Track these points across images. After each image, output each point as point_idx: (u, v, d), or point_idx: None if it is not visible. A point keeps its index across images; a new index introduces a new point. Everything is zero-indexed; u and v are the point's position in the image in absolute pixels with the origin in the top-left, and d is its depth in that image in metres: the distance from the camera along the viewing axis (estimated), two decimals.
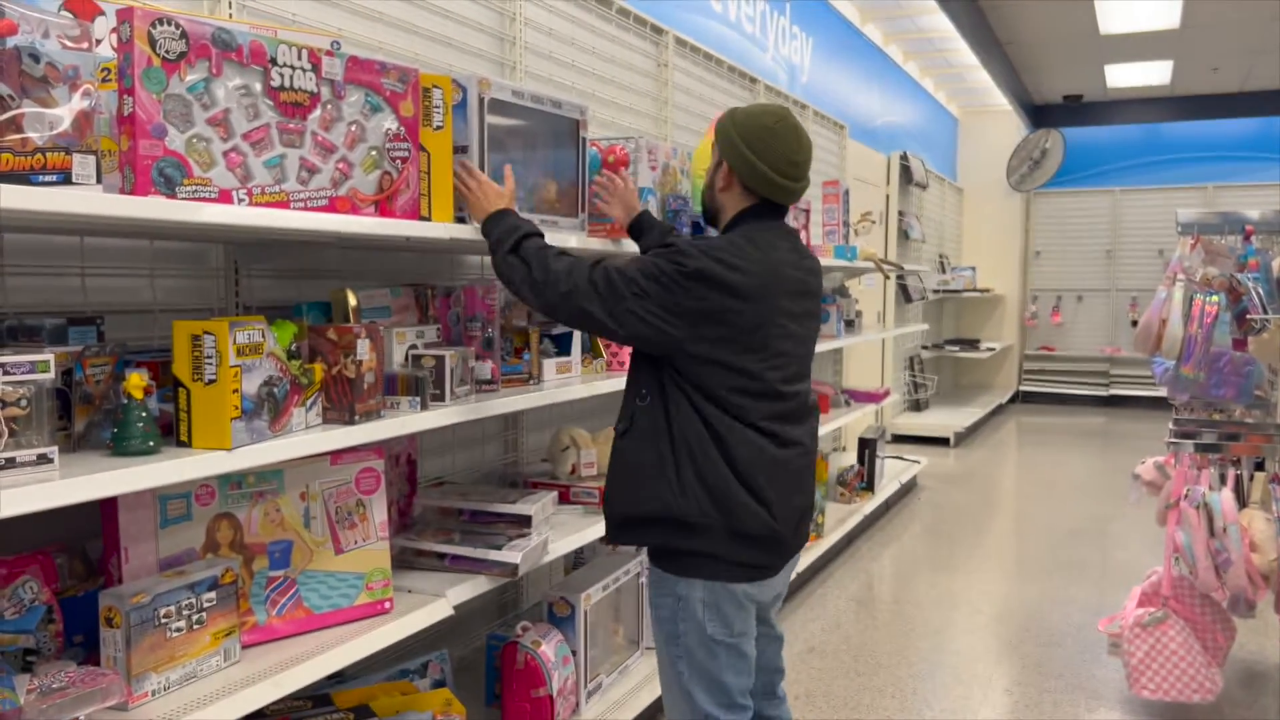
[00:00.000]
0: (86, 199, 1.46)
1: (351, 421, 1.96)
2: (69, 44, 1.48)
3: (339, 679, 2.44)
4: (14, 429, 1.43)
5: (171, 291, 2.25)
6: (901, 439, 8.84)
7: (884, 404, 6.02)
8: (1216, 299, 3.38)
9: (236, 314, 2.36)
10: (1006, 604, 4.64)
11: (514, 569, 2.33)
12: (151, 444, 1.64)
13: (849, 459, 5.95)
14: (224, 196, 1.71)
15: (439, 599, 2.22)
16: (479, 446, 3.26)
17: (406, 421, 2.10)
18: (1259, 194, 10.90)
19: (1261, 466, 3.52)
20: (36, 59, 1.43)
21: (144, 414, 1.64)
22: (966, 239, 12.12)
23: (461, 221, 2.31)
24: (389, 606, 2.14)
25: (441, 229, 2.17)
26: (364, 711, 2.28)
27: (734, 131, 2.14)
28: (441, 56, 3.04)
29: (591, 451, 3.06)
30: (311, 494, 2.05)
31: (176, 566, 1.83)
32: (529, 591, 3.50)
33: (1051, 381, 12.01)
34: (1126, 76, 10.49)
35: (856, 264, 5.02)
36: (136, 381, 1.63)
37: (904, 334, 8.70)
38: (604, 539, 2.28)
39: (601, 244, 2.79)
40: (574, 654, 2.86)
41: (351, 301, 2.32)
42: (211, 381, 1.69)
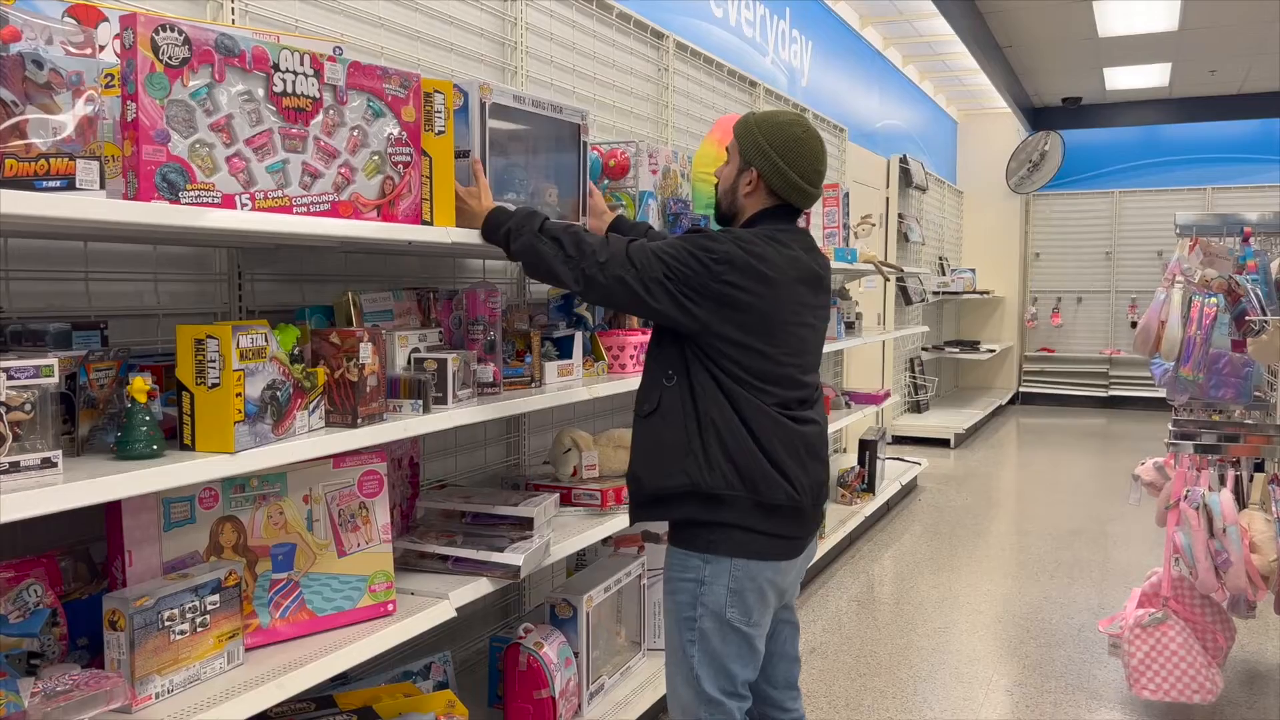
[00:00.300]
0: (90, 204, 1.47)
1: (354, 425, 1.97)
2: (73, 50, 1.49)
3: (342, 681, 2.45)
4: (18, 433, 1.44)
5: (175, 296, 2.26)
6: (902, 440, 8.84)
7: (884, 405, 6.02)
8: (1215, 300, 3.39)
9: (240, 318, 2.37)
10: (1007, 605, 4.65)
11: (516, 571, 2.34)
12: (155, 448, 1.65)
13: (850, 460, 5.96)
14: (227, 201, 1.72)
15: (442, 601, 2.23)
16: (481, 449, 3.27)
17: (409, 424, 2.11)
18: (1258, 196, 10.91)
19: (1261, 467, 3.52)
20: (40, 65, 1.44)
21: (148, 418, 1.64)
22: (966, 241, 12.13)
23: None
24: (392, 609, 2.14)
25: (443, 233, 2.18)
26: (367, 713, 2.28)
27: (763, 140, 2.22)
28: (443, 62, 3.05)
29: (593, 454, 3.07)
30: (315, 497, 2.05)
31: (180, 569, 1.84)
32: (531, 593, 3.51)
33: (1051, 383, 12.02)
34: (1125, 79, 10.50)
35: (857, 266, 5.02)
36: (140, 385, 1.64)
37: (904, 336, 8.70)
38: (630, 519, 2.34)
39: None
40: (576, 655, 2.87)
41: (354, 305, 2.33)
42: (215, 385, 1.70)
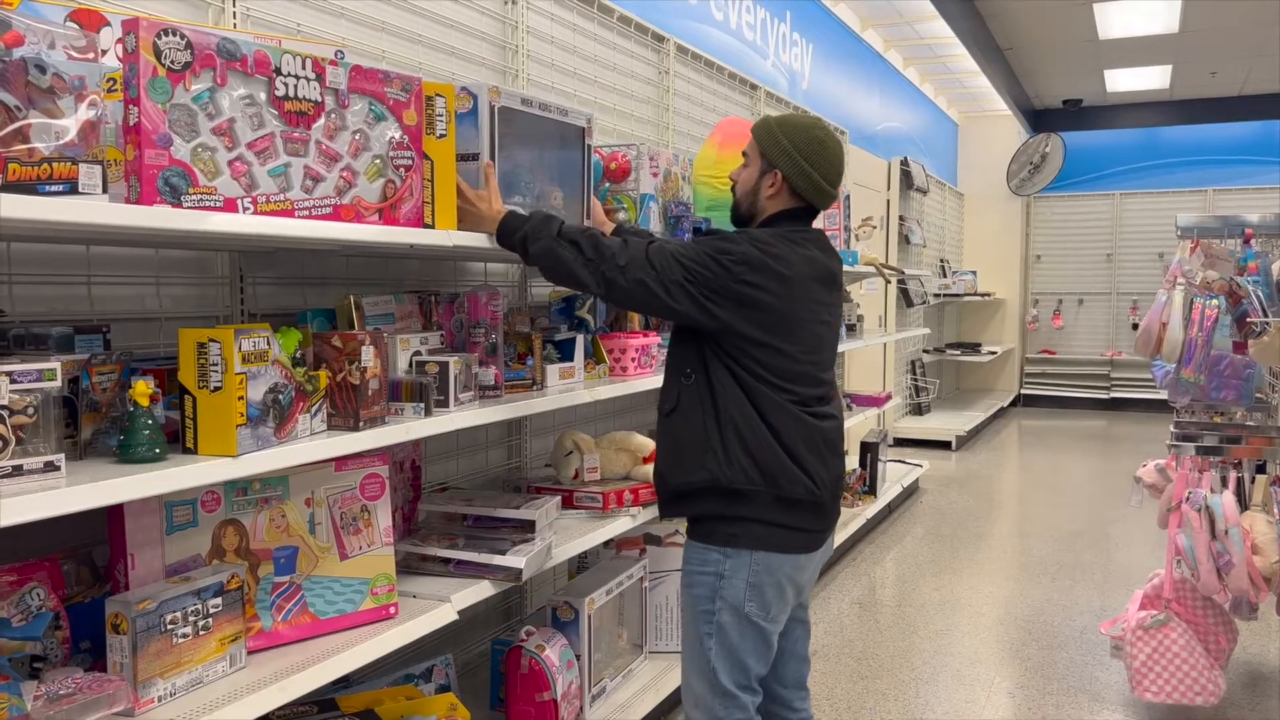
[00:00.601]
0: (92, 208, 1.47)
1: (356, 428, 1.97)
2: (75, 55, 1.50)
3: (344, 684, 2.45)
4: (21, 437, 1.44)
5: (177, 299, 2.26)
6: (903, 442, 8.84)
7: (886, 408, 6.02)
8: (1216, 302, 3.39)
9: (242, 321, 2.37)
10: (1009, 607, 4.64)
11: (518, 574, 2.34)
12: (158, 451, 1.65)
13: (851, 463, 5.95)
14: (229, 205, 1.72)
15: (444, 604, 2.23)
16: (482, 452, 3.27)
17: (410, 428, 2.11)
18: (1258, 197, 10.91)
19: (1263, 469, 3.52)
20: (43, 70, 1.45)
21: (150, 421, 1.65)
22: (967, 243, 12.13)
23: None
24: (394, 611, 2.14)
25: (445, 236, 2.18)
26: (369, 716, 2.29)
27: (787, 143, 2.25)
28: (445, 65, 3.06)
29: (594, 456, 3.07)
30: (317, 500, 2.06)
31: (183, 573, 1.84)
32: (533, 596, 3.51)
33: (1053, 385, 12.01)
34: (1126, 81, 10.50)
35: (858, 269, 5.03)
36: (142, 389, 1.65)
37: (905, 338, 8.70)
38: (659, 514, 2.40)
39: None
40: (578, 658, 2.87)
41: (356, 309, 2.33)
42: (217, 389, 1.70)
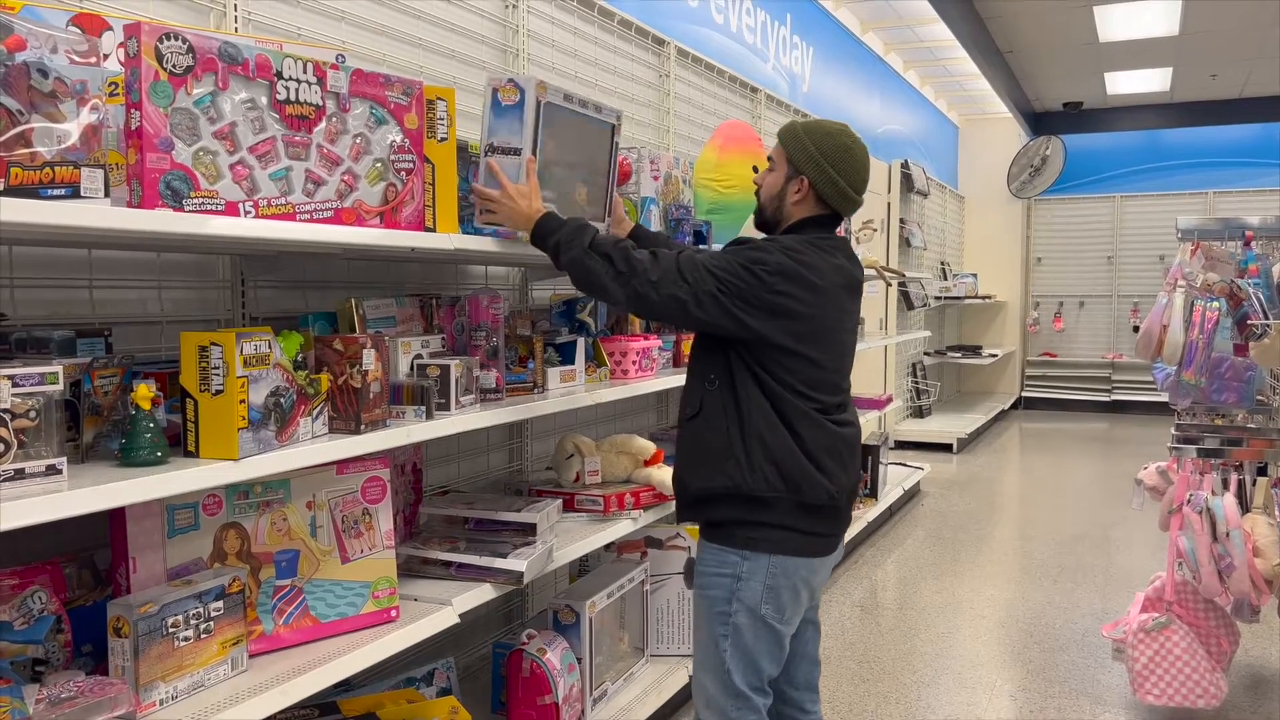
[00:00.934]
0: (94, 212, 1.48)
1: (357, 431, 1.98)
2: (77, 59, 1.50)
3: (346, 687, 2.45)
4: (23, 440, 1.44)
5: (179, 303, 2.27)
6: (904, 445, 8.84)
7: (887, 410, 6.03)
8: (1217, 305, 3.39)
9: (243, 325, 2.37)
10: (1010, 609, 4.64)
11: (519, 577, 2.34)
12: (159, 454, 1.65)
13: None
14: (230, 209, 1.72)
15: (445, 607, 2.23)
16: (484, 455, 3.27)
17: (412, 431, 2.11)
18: (1259, 200, 10.91)
19: (1264, 471, 3.52)
20: (45, 74, 1.45)
21: (152, 425, 1.65)
22: (968, 246, 12.13)
23: (477, 232, 2.32)
24: (395, 615, 2.14)
25: (446, 239, 2.18)
26: (370, 719, 2.29)
27: (814, 149, 2.25)
28: (445, 69, 3.06)
29: (595, 459, 3.07)
30: (318, 503, 2.06)
31: (184, 576, 1.84)
32: (534, 599, 3.51)
33: (1054, 387, 12.01)
34: (1126, 83, 10.51)
35: None
36: (144, 392, 1.65)
37: (906, 341, 8.70)
38: (676, 518, 2.39)
39: None
40: (579, 661, 2.87)
41: (357, 312, 2.33)
42: (219, 392, 1.70)
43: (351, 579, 2.09)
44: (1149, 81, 10.39)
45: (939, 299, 10.42)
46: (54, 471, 1.47)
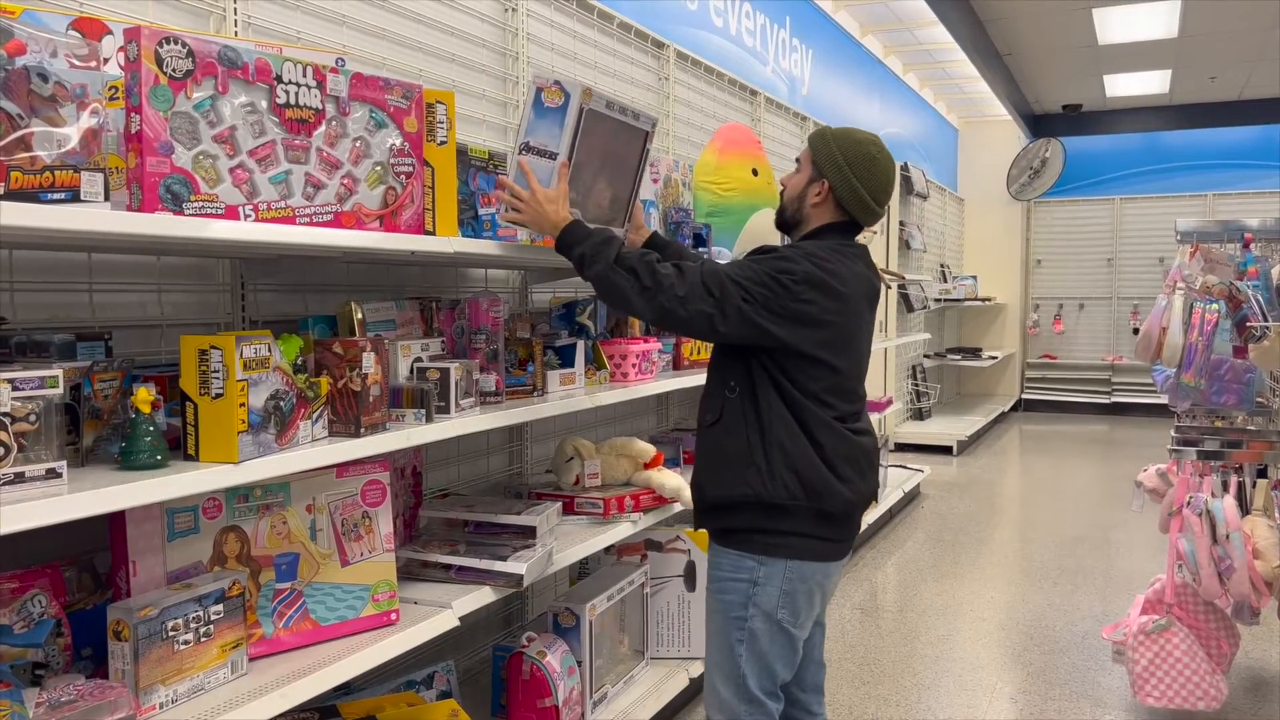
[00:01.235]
0: (94, 216, 1.48)
1: (357, 434, 1.98)
2: (77, 63, 1.50)
3: (346, 690, 2.45)
4: (23, 444, 1.44)
5: (179, 306, 2.27)
6: (904, 448, 8.84)
7: (887, 413, 6.03)
8: (1216, 307, 3.39)
9: (243, 328, 2.38)
10: (1010, 612, 4.64)
11: (519, 580, 2.34)
12: (159, 458, 1.65)
13: None
14: (230, 212, 1.73)
15: (445, 610, 2.23)
16: (484, 458, 3.27)
17: (411, 434, 2.11)
18: (1258, 202, 10.92)
19: (1264, 473, 3.52)
20: (45, 78, 1.46)
21: (152, 428, 1.65)
22: (967, 248, 12.14)
23: (477, 235, 2.32)
24: (395, 618, 2.15)
25: (445, 243, 2.19)
26: None
27: (839, 154, 2.26)
28: (445, 72, 3.07)
29: (595, 462, 3.07)
30: (318, 506, 2.06)
31: (184, 579, 1.84)
32: (534, 602, 3.51)
33: (1054, 389, 12.01)
34: (1125, 86, 10.52)
35: None
36: (144, 396, 1.65)
37: (906, 343, 8.70)
38: (696, 525, 2.39)
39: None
40: (579, 664, 2.87)
41: (357, 315, 2.33)
42: (219, 396, 1.70)
43: (351, 582, 2.09)
44: (1148, 84, 10.40)
45: (939, 301, 10.42)
46: (54, 475, 1.47)
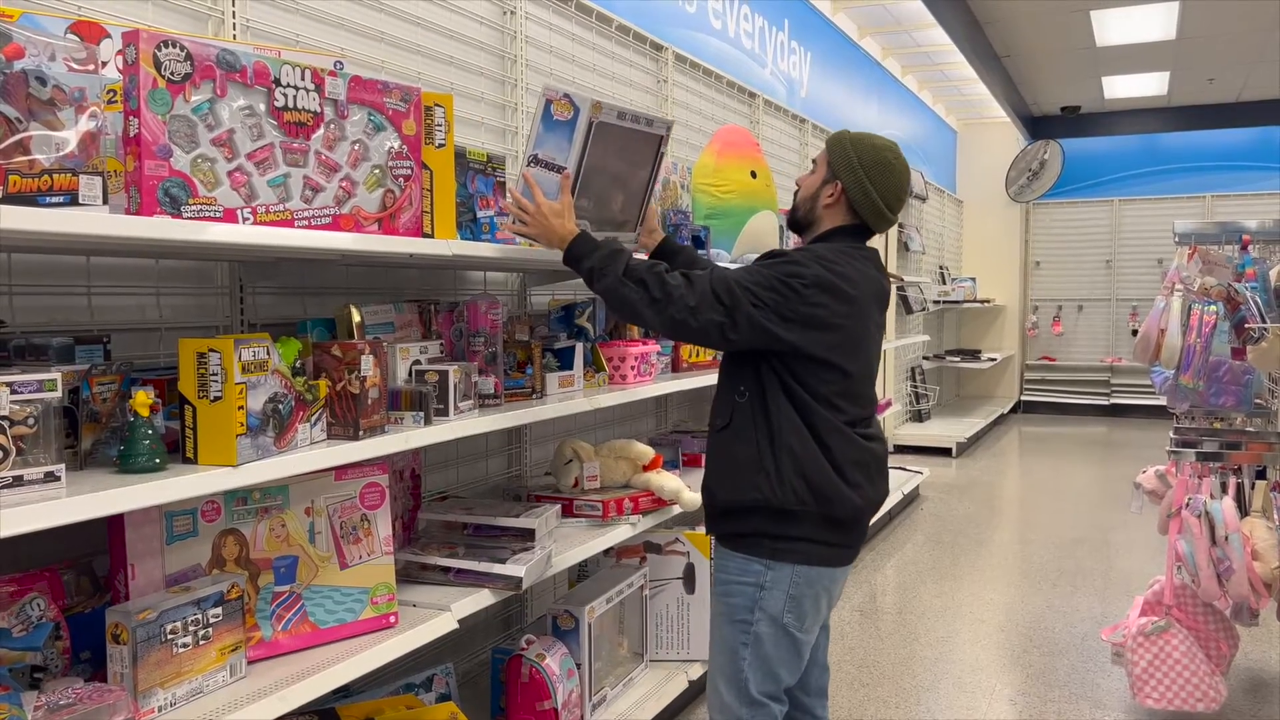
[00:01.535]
0: (93, 220, 1.48)
1: (356, 437, 1.98)
2: (75, 66, 1.50)
3: (345, 693, 2.45)
4: (21, 447, 1.44)
5: (177, 310, 2.27)
6: (903, 449, 8.84)
7: (886, 415, 6.03)
8: (1214, 308, 3.40)
9: (241, 331, 2.38)
10: (1010, 613, 4.64)
11: (518, 582, 2.34)
12: (158, 461, 1.65)
13: None
14: (229, 216, 1.73)
15: (444, 613, 2.23)
16: (482, 460, 3.27)
17: (410, 436, 2.11)
18: (1257, 203, 10.93)
19: (1263, 475, 3.52)
20: (43, 82, 1.46)
21: (150, 431, 1.65)
22: (966, 250, 12.15)
23: (475, 238, 2.32)
24: (394, 621, 2.14)
25: (444, 245, 2.19)
26: None
27: (855, 157, 2.26)
28: (443, 75, 3.07)
29: (594, 464, 3.07)
30: (316, 509, 2.06)
31: (183, 583, 1.84)
32: (533, 605, 3.51)
33: (1053, 391, 12.01)
34: (1124, 87, 10.53)
35: None
36: (143, 399, 1.65)
37: (905, 345, 8.71)
38: (707, 530, 2.37)
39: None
40: (578, 667, 2.87)
41: (355, 318, 2.33)
42: (217, 399, 1.70)
43: (350, 585, 2.09)
44: (1146, 85, 10.41)
45: (938, 303, 10.42)
46: (52, 478, 1.47)
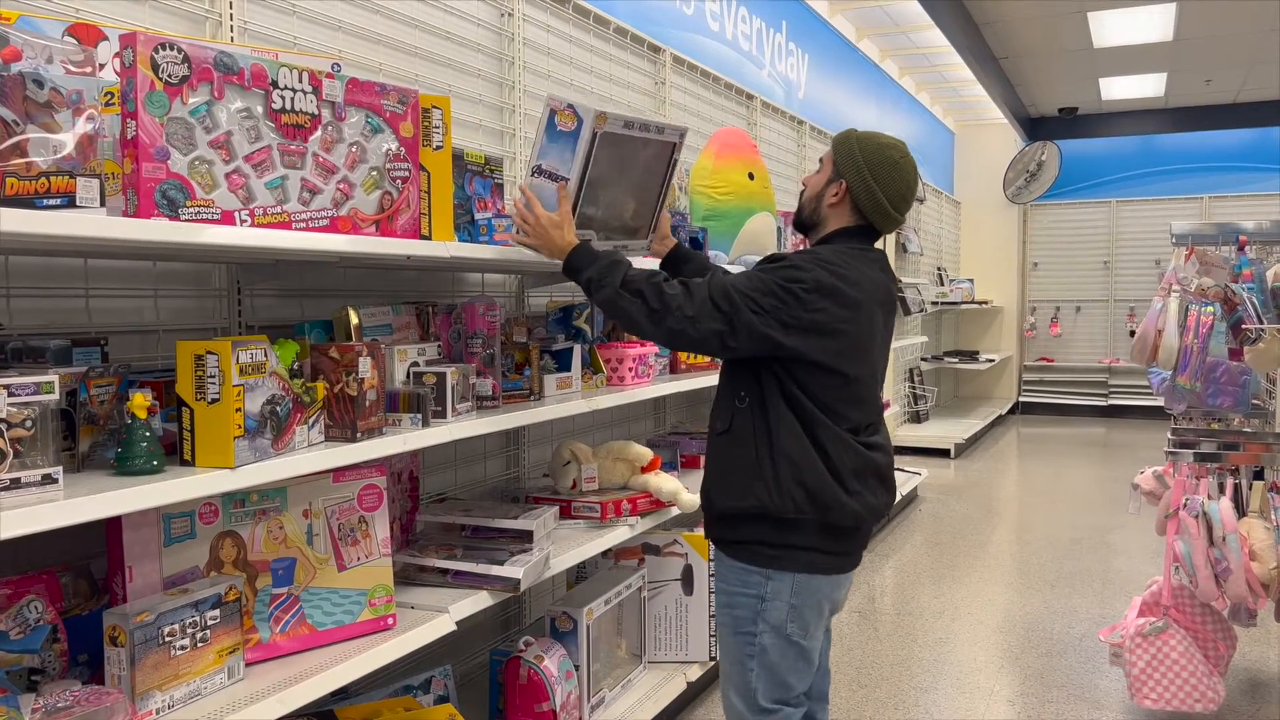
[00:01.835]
0: (90, 222, 1.48)
1: (354, 439, 1.98)
2: (73, 69, 1.51)
3: (343, 695, 2.45)
4: (19, 450, 1.44)
5: (175, 312, 2.27)
6: (902, 450, 8.83)
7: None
8: (1211, 309, 3.40)
9: (239, 333, 2.38)
10: (1008, 614, 4.64)
11: (516, 584, 2.34)
12: (155, 463, 1.65)
13: None
14: (226, 218, 1.73)
15: (442, 614, 2.23)
16: (480, 462, 3.27)
17: (408, 438, 2.11)
18: (1254, 204, 10.94)
19: (1260, 475, 3.52)
20: (41, 84, 1.46)
21: (148, 434, 1.65)
22: (964, 251, 12.16)
23: (473, 240, 2.32)
24: (392, 623, 2.14)
25: (441, 248, 2.19)
26: None
27: (860, 156, 2.22)
28: (441, 77, 3.07)
29: (592, 466, 3.07)
30: (314, 511, 2.06)
31: (180, 585, 1.84)
32: (531, 606, 3.51)
33: (1051, 392, 12.02)
34: (1121, 89, 10.54)
35: None
36: (140, 401, 1.65)
37: (903, 346, 8.71)
38: (705, 534, 2.36)
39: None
40: (577, 669, 2.87)
41: (353, 320, 2.34)
42: (215, 401, 1.70)
43: (348, 587, 2.09)
44: (1144, 87, 10.43)
45: (936, 304, 10.43)
46: (50, 481, 1.47)
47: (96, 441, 1.72)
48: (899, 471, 7.06)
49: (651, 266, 2.61)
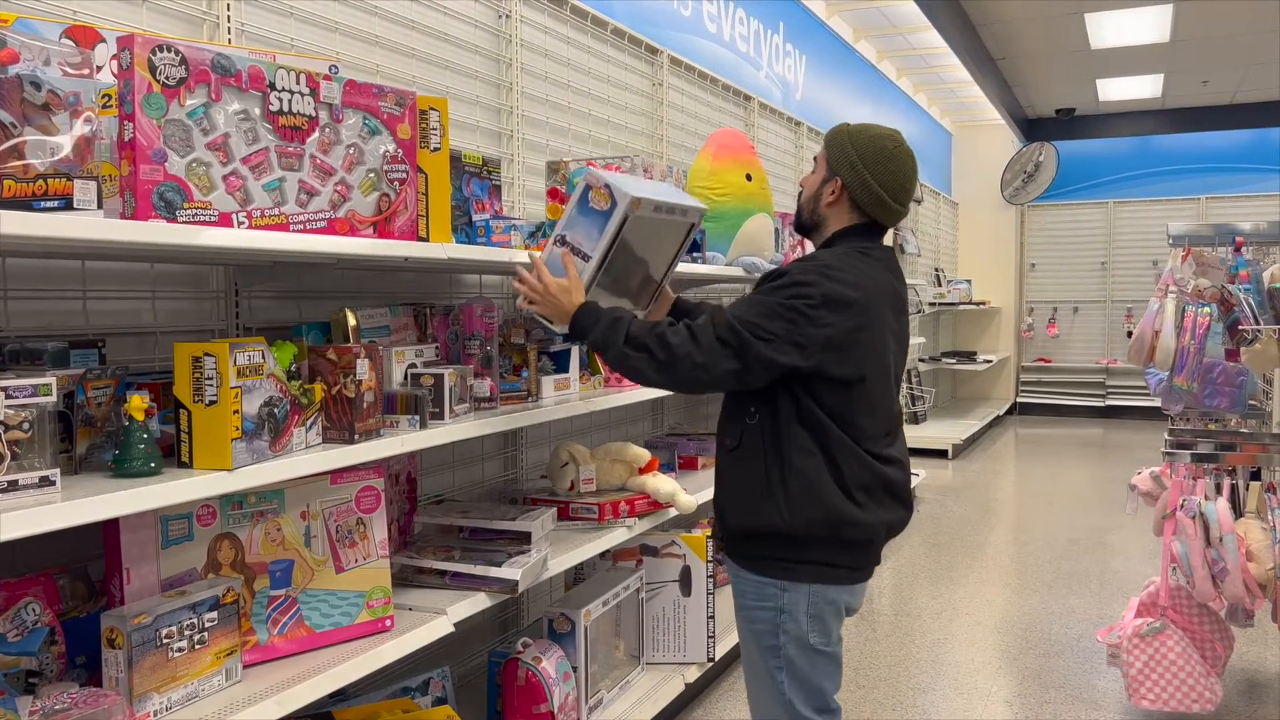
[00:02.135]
0: (88, 224, 1.48)
1: (351, 441, 1.98)
2: (70, 71, 1.51)
3: (341, 697, 2.44)
4: (16, 452, 1.44)
5: (172, 314, 2.27)
6: None
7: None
8: (1208, 310, 3.41)
9: (237, 335, 2.38)
10: (1006, 615, 4.64)
11: (514, 585, 2.34)
12: (153, 465, 1.65)
13: None
14: (224, 220, 1.73)
15: (440, 616, 2.23)
16: (478, 464, 3.27)
17: (406, 440, 2.11)
18: (1251, 205, 10.96)
19: (1257, 476, 3.53)
20: (38, 86, 1.46)
21: (145, 435, 1.65)
22: (962, 252, 12.17)
23: (471, 242, 2.32)
24: (390, 624, 2.14)
25: (439, 249, 2.19)
26: None
27: (853, 150, 2.16)
28: (439, 79, 3.07)
29: (590, 467, 3.07)
30: (312, 513, 2.06)
31: (178, 587, 1.84)
32: (529, 608, 3.51)
33: (1048, 393, 12.04)
34: (1118, 90, 10.56)
35: None
36: (138, 403, 1.65)
37: None
38: (721, 550, 2.33)
39: None
40: (575, 670, 2.87)
41: (350, 321, 2.34)
42: (212, 403, 1.70)
43: (346, 588, 2.09)
44: (1141, 88, 10.44)
45: (933, 305, 10.44)
46: (47, 483, 1.47)
47: (94, 443, 1.72)
48: None
49: None
